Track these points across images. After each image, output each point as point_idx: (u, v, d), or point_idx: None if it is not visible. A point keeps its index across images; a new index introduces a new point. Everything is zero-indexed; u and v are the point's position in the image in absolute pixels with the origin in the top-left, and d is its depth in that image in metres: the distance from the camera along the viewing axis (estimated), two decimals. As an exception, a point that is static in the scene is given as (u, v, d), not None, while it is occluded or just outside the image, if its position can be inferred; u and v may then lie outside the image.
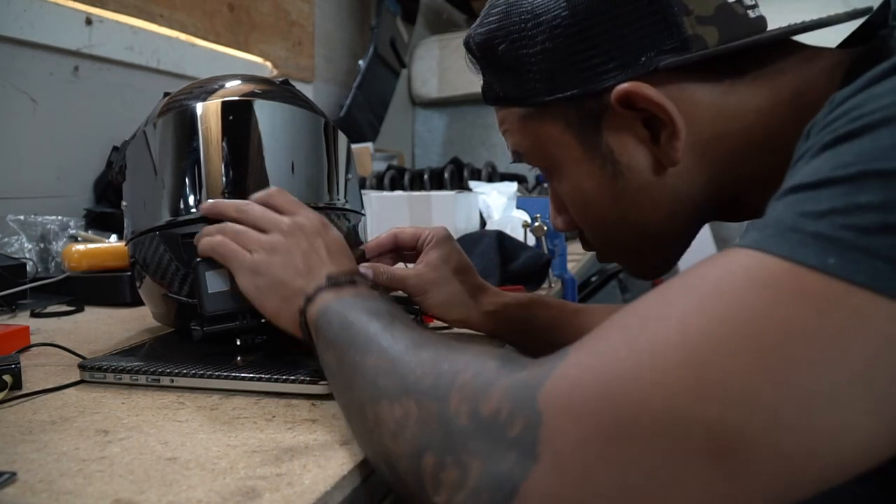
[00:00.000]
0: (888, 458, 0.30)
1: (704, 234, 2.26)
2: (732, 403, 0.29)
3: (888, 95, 0.33)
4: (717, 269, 0.33)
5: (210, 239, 0.56)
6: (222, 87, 0.68)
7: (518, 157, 0.58)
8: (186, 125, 0.64)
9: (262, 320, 0.56)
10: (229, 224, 0.57)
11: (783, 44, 0.50)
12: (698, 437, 0.29)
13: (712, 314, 0.31)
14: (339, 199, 0.68)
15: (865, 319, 0.29)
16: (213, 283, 0.57)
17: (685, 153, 0.50)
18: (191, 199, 0.62)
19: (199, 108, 0.64)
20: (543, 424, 0.31)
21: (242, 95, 0.66)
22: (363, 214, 0.74)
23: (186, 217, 0.61)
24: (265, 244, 0.54)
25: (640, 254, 0.58)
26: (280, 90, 0.70)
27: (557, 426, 0.31)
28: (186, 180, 0.62)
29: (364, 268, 0.64)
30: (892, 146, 0.31)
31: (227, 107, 0.64)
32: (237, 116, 0.64)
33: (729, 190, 0.52)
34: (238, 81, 0.70)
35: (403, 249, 0.71)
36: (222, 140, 0.63)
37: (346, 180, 0.70)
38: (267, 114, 0.66)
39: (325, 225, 0.56)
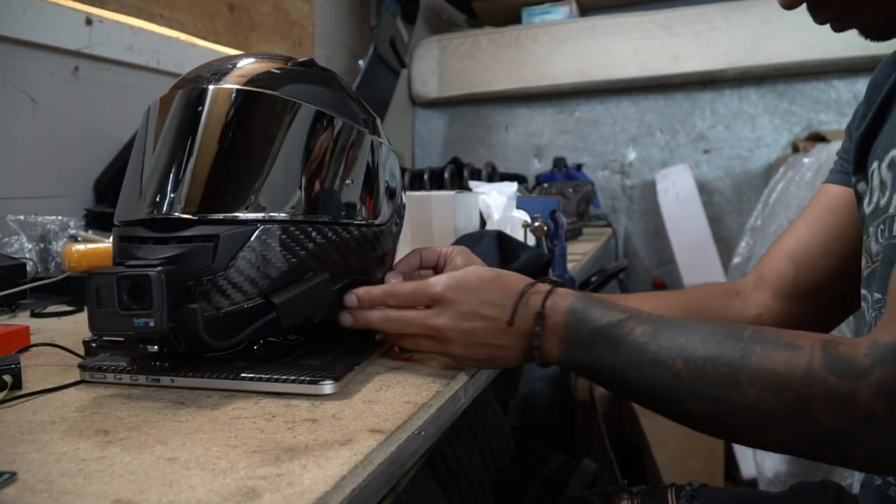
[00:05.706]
0: None
1: (704, 234, 2.26)
2: None
3: None
4: None
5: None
6: (212, 71, 0.60)
7: None
8: (145, 115, 0.61)
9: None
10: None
11: None
12: None
13: None
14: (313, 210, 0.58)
15: None
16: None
17: None
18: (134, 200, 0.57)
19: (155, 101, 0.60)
20: None
21: (209, 82, 0.58)
22: (366, 224, 0.62)
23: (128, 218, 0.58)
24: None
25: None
26: (269, 75, 0.60)
27: None
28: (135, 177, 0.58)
29: (393, 275, 0.66)
30: None
31: (176, 98, 0.59)
32: (185, 107, 0.58)
33: None
34: (236, 64, 0.61)
35: (426, 268, 0.72)
36: (160, 133, 0.58)
37: (345, 186, 0.60)
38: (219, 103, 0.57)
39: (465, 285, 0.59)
